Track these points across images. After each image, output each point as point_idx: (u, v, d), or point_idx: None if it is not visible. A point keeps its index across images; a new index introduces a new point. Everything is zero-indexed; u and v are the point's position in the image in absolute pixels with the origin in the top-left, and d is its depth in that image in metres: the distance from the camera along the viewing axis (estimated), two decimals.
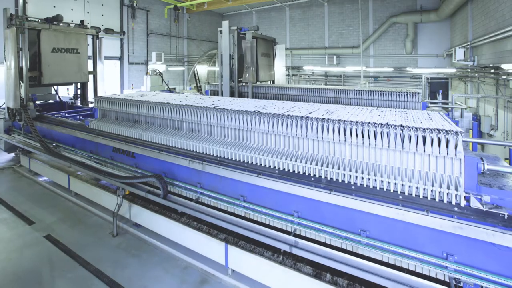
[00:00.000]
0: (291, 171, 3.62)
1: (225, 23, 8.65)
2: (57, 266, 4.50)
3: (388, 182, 3.06)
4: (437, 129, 2.92)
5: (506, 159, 5.93)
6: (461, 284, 2.79)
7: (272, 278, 3.76)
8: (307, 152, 3.66)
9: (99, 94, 9.02)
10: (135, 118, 5.55)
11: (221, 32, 8.90)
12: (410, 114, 3.81)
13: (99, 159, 6.04)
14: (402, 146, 3.05)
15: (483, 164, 2.80)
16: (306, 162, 3.53)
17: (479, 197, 2.73)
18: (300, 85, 8.55)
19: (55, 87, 9.68)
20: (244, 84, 9.26)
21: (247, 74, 8.94)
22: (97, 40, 9.36)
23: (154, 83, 16.05)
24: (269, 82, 10.34)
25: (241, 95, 9.10)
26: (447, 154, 2.85)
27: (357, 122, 3.32)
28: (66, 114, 8.04)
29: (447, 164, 2.89)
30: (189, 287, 4.09)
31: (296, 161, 3.60)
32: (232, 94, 8.95)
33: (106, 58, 14.23)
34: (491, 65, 9.60)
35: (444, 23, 16.15)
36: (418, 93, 6.57)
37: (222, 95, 8.75)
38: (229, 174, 4.05)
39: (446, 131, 2.87)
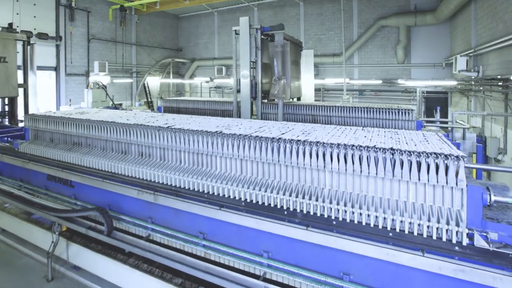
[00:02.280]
0: (260, 203, 3.42)
1: (244, 20, 7.53)
2: None
3: (376, 217, 2.88)
4: (435, 153, 2.75)
5: None
6: None
7: None
8: (279, 180, 3.45)
9: (30, 111, 8.44)
10: (74, 140, 5.26)
11: (236, 32, 7.80)
12: (402, 135, 3.65)
13: (31, 188, 5.65)
14: (393, 173, 2.86)
15: (490, 195, 2.64)
16: (278, 193, 3.32)
17: (485, 234, 2.56)
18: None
19: None
20: (269, 101, 8.06)
21: (278, 89, 7.61)
22: (29, 47, 8.81)
23: (97, 98, 15.28)
24: (295, 98, 9.08)
25: (263, 116, 7.86)
26: (447, 183, 2.67)
27: (338, 144, 3.13)
28: None
29: (447, 195, 2.72)
30: None
31: (266, 191, 3.39)
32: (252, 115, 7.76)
33: (39, 68, 13.48)
34: (498, 77, 9.15)
35: (443, 26, 15.45)
36: (412, 110, 6.40)
37: (240, 117, 7.63)
38: (186, 206, 3.79)
39: (445, 156, 2.70)
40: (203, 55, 23.44)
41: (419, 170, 2.77)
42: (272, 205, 3.34)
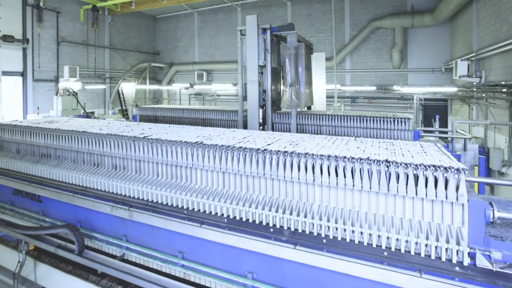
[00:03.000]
0: (244, 219, 3.31)
1: (251, 18, 7.11)
2: None
3: (370, 234, 2.78)
4: (433, 166, 2.66)
5: None
6: None
7: None
8: (265, 195, 3.36)
9: None
10: (42, 151, 5.12)
11: (242, 32, 7.37)
12: (398, 146, 3.58)
13: None
14: (388, 187, 2.77)
15: (493, 210, 2.55)
16: (263, 209, 3.21)
17: (488, 253, 2.47)
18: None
19: None
20: (280, 111, 7.65)
21: (292, 96, 7.09)
22: None
23: (67, 106, 14.77)
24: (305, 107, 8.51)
25: (274, 127, 7.43)
26: (446, 198, 2.58)
27: (329, 156, 3.04)
28: None
29: (446, 211, 2.63)
30: None
31: (250, 207, 3.28)
32: (262, 127, 7.27)
33: (5, 73, 13.26)
34: (503, 83, 8.87)
35: (442, 28, 14.97)
36: (409, 118, 6.30)
37: (246, 128, 7.22)
38: (164, 223, 3.71)
39: (445, 168, 2.62)
40: (182, 59, 23.03)
41: (416, 184, 2.69)
42: (257, 222, 3.24)
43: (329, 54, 16.98)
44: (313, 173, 3.06)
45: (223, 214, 3.39)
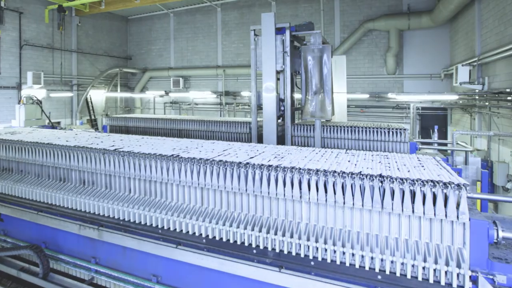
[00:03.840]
0: (224, 240, 3.24)
1: (267, 16, 6.54)
2: None
3: (362, 256, 2.70)
4: (432, 181, 2.57)
5: None
6: None
7: None
8: (247, 213, 3.26)
9: None
10: (3, 165, 4.99)
11: (256, 32, 6.83)
12: (393, 160, 3.51)
13: None
14: (382, 205, 2.67)
15: (497, 230, 2.49)
16: (245, 228, 3.13)
17: (491, 277, 2.39)
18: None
19: None
20: (300, 123, 7.16)
21: (317, 106, 6.56)
22: None
23: (31, 116, 14.33)
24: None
25: (294, 141, 6.95)
26: (446, 216, 2.48)
27: (317, 170, 2.94)
28: None
29: (446, 230, 2.54)
30: None
31: (231, 226, 3.19)
32: (280, 141, 6.68)
33: None
34: (507, 90, 8.52)
35: (442, 30, 14.42)
36: (405, 129, 6.19)
37: (261, 142, 6.73)
38: (137, 244, 3.63)
39: (444, 184, 2.53)
40: (157, 64, 22.39)
41: (413, 201, 2.60)
42: (238, 243, 3.17)
43: None
44: (300, 189, 2.97)
45: (201, 234, 3.33)
